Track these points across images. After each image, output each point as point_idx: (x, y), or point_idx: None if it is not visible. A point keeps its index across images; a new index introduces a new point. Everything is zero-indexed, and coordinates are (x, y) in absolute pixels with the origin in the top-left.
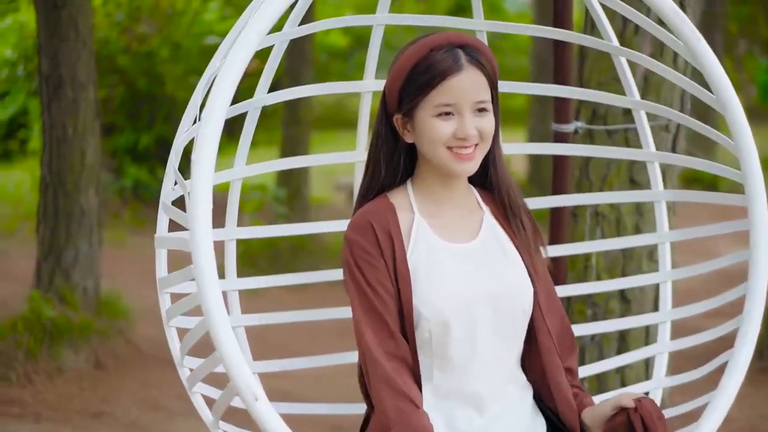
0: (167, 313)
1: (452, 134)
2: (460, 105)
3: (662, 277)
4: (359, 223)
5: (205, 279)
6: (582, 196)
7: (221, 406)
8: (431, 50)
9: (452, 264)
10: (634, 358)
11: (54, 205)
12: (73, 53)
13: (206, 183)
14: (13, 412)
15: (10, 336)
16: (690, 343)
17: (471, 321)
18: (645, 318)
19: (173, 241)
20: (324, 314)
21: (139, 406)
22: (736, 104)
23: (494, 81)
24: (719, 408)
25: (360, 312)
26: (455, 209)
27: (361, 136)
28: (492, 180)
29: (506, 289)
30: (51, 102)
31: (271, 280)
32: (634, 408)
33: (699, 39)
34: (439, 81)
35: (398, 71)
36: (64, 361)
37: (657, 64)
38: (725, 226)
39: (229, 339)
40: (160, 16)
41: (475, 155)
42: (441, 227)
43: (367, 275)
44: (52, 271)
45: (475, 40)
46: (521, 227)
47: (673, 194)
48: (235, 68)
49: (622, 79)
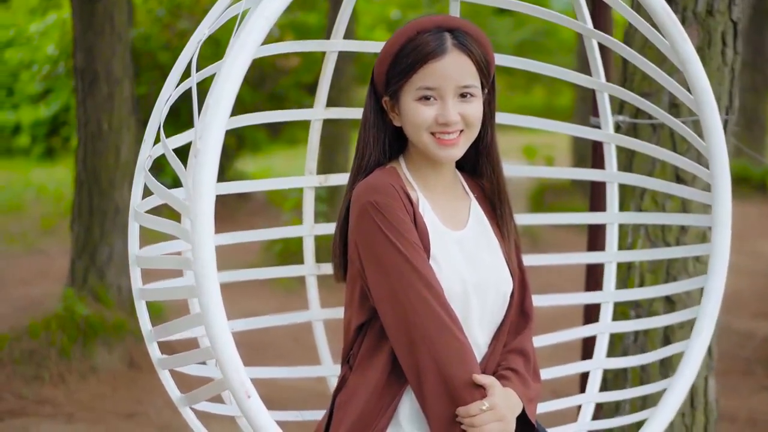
0: (140, 292)
1: (434, 119)
2: (442, 89)
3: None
4: (381, 186)
5: (206, 274)
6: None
7: (203, 396)
8: (418, 32)
9: (451, 249)
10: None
11: (88, 202)
12: (108, 48)
13: (210, 186)
14: (45, 412)
15: (43, 334)
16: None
17: (465, 308)
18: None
19: (164, 225)
20: (280, 272)
21: (173, 408)
22: (712, 107)
23: (485, 67)
24: (674, 395)
25: (400, 275)
26: (445, 193)
27: (321, 94)
28: (483, 168)
29: (493, 279)
30: (86, 97)
31: (254, 273)
32: None
33: (685, 40)
34: (421, 64)
35: (386, 53)
36: (98, 361)
37: (632, 53)
38: (686, 218)
39: (226, 338)
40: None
41: (459, 141)
42: (438, 211)
43: (408, 236)
44: (86, 269)
45: (466, 24)
46: (505, 216)
47: (625, 177)
48: (244, 55)
49: (590, 63)
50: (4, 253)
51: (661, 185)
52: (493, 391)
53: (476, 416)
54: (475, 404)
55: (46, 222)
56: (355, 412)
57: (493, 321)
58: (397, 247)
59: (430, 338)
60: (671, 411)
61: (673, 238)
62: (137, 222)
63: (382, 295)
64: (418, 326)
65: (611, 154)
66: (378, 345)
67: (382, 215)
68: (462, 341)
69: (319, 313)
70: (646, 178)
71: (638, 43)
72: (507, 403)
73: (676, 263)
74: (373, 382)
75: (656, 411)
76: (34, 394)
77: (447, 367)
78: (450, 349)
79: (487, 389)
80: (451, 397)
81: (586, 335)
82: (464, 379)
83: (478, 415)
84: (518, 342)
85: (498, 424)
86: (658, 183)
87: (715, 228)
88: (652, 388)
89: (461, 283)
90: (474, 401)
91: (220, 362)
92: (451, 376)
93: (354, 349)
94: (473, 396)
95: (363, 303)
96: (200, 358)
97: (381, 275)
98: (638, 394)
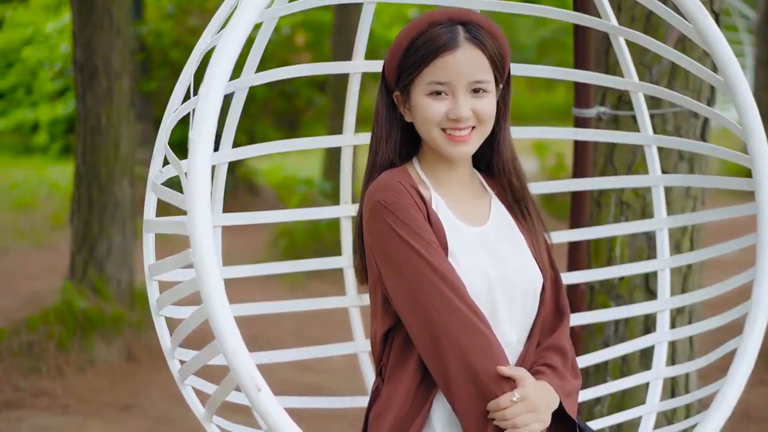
0: (158, 301)
1: (445, 114)
2: (453, 84)
3: (660, 264)
4: (390, 184)
5: (206, 263)
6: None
7: (218, 397)
8: (429, 25)
9: (472, 245)
10: (631, 348)
11: (88, 196)
12: (107, 42)
13: (205, 162)
14: (41, 404)
15: (42, 327)
16: (692, 332)
17: (492, 304)
18: (642, 307)
19: (168, 224)
20: (314, 304)
21: (170, 401)
22: (744, 87)
23: (499, 62)
24: (729, 395)
25: (417, 273)
26: (463, 191)
27: (349, 118)
28: (496, 165)
29: (519, 275)
30: (85, 91)
31: (260, 268)
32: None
33: (706, 17)
34: (432, 58)
35: (397, 46)
36: (96, 354)
37: (653, 41)
38: (731, 210)
39: (230, 327)
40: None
41: (471, 138)
42: (455, 208)
43: (421, 233)
44: (85, 263)
45: (479, 18)
46: (527, 213)
47: (670, 179)
48: (233, 43)
49: (620, 61)
50: (14, 248)
51: (702, 180)
52: (524, 382)
53: (507, 409)
54: (506, 396)
55: (56, 218)
56: (389, 422)
57: (525, 319)
58: (411, 245)
59: (454, 335)
60: (723, 416)
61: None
62: (153, 231)
63: (400, 296)
64: (439, 324)
65: (653, 156)
66: (406, 352)
67: (393, 214)
68: (487, 335)
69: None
70: (689, 176)
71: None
72: (541, 394)
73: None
74: (404, 389)
75: (708, 415)
76: (31, 387)
77: (473, 363)
78: (475, 344)
79: (517, 381)
80: (481, 393)
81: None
82: (492, 373)
83: (509, 407)
84: (554, 339)
85: (531, 415)
86: (699, 179)
87: (760, 213)
88: (707, 391)
89: (485, 278)
90: (504, 394)
91: (226, 355)
92: (477, 372)
93: (384, 359)
94: (503, 389)
95: (386, 309)
96: (212, 354)
97: (397, 276)
98: (696, 398)
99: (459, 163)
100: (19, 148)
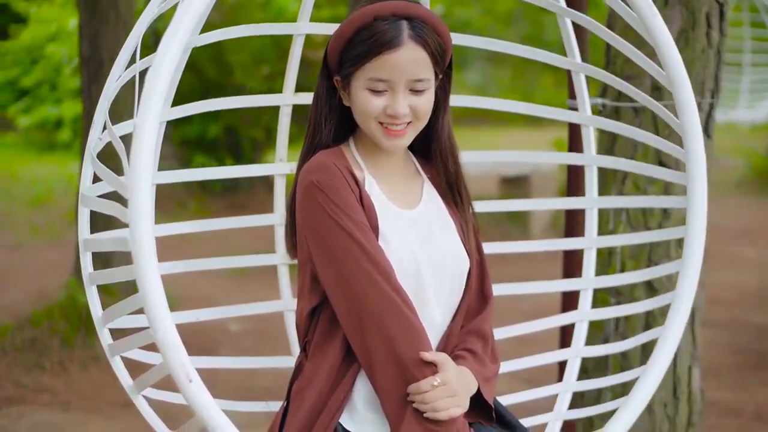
0: (90, 276)
1: (383, 110)
2: (394, 82)
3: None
4: (322, 165)
5: (142, 249)
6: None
7: (148, 381)
8: (375, 18)
9: (403, 228)
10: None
11: None
12: (112, 36)
13: (152, 123)
14: (43, 400)
15: (45, 323)
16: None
17: (420, 286)
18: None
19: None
20: (248, 261)
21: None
22: (685, 82)
23: (440, 57)
24: (649, 382)
25: (346, 254)
26: (396, 173)
27: (289, 81)
28: (432, 150)
29: (447, 258)
30: (91, 85)
31: (192, 225)
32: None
33: (654, 14)
34: (374, 55)
35: (341, 34)
36: (100, 350)
37: (602, 29)
38: (661, 200)
39: (164, 318)
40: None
41: (406, 133)
42: (387, 190)
43: (353, 215)
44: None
45: (425, 12)
46: (458, 198)
47: (603, 160)
48: (193, 9)
49: (564, 42)
50: (29, 244)
51: (640, 168)
52: (445, 367)
53: (428, 392)
54: (427, 380)
55: (71, 214)
56: (311, 398)
57: (451, 301)
58: (341, 226)
59: (379, 317)
60: (643, 400)
61: (656, 223)
62: (86, 207)
63: (329, 275)
64: (366, 305)
65: (590, 137)
66: (331, 330)
67: (325, 194)
68: (412, 320)
69: (291, 303)
70: (625, 160)
71: (620, 25)
72: (461, 380)
73: (658, 249)
74: (328, 366)
75: (628, 400)
76: (33, 383)
77: (397, 346)
78: (399, 328)
79: (439, 366)
80: (403, 376)
81: (565, 323)
82: (414, 358)
83: (430, 391)
84: (476, 323)
85: (450, 400)
86: (636, 165)
87: (690, 208)
88: (628, 375)
89: (413, 261)
90: (425, 378)
91: (159, 343)
92: (400, 355)
93: (309, 335)
94: (424, 373)
95: (314, 287)
96: (145, 340)
97: (327, 255)
98: (615, 382)
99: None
100: (43, 145)
